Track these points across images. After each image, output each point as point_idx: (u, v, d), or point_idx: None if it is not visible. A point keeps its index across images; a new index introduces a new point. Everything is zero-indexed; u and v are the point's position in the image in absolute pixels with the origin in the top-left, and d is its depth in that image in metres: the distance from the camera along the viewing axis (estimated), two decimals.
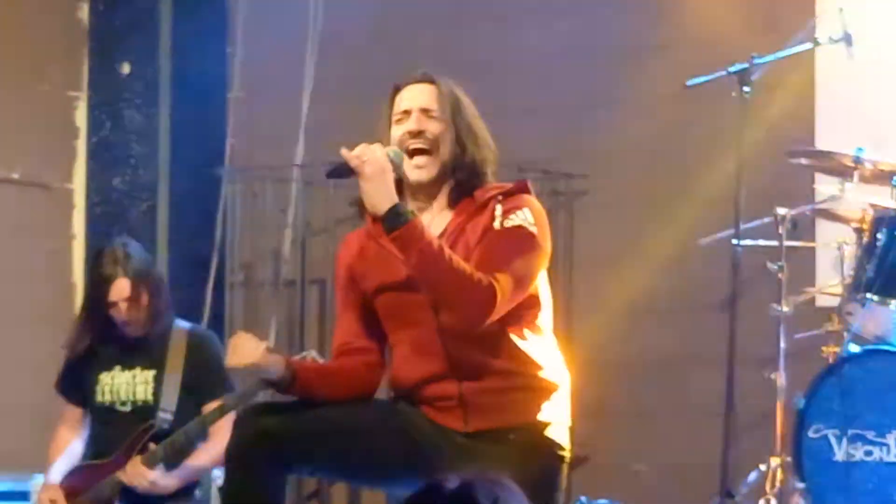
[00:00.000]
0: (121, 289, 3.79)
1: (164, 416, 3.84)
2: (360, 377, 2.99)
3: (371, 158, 2.79)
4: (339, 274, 3.06)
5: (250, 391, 3.54)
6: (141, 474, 3.75)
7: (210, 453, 3.79)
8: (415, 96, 2.95)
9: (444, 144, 2.90)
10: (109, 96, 5.65)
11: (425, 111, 2.91)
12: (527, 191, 2.98)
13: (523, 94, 5.25)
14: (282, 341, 5.35)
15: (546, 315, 3.00)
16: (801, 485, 4.00)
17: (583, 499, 4.42)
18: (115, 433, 3.82)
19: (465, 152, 2.91)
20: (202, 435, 3.82)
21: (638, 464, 4.97)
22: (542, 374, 2.92)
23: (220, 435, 3.70)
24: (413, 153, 2.87)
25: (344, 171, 2.83)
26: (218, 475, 3.98)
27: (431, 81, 2.98)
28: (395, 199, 2.77)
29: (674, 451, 4.84)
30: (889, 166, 4.01)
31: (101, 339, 3.91)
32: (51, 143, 5.65)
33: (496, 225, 2.90)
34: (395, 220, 2.72)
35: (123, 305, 3.78)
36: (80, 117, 5.63)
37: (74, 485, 3.83)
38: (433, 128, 2.90)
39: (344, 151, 2.82)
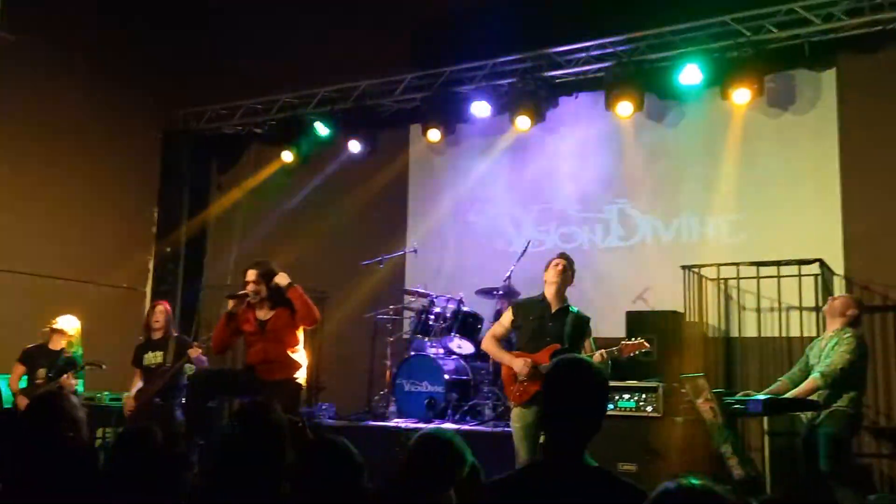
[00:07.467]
0: (251, 274, 6.02)
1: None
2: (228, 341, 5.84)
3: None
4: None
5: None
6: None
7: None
8: (249, 274, 5.79)
9: (263, 288, 5.69)
10: None
11: (254, 282, 5.75)
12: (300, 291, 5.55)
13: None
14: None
15: (301, 341, 5.72)
16: (393, 398, 7.64)
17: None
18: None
19: (270, 284, 5.70)
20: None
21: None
22: (296, 360, 5.75)
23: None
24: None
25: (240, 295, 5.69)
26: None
27: (256, 266, 5.80)
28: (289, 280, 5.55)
29: (356, 392, 8.41)
30: (426, 297, 7.92)
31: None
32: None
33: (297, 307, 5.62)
34: (289, 285, 5.56)
35: (252, 285, 5.97)
36: None
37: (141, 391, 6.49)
38: (258, 289, 5.72)
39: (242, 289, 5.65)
